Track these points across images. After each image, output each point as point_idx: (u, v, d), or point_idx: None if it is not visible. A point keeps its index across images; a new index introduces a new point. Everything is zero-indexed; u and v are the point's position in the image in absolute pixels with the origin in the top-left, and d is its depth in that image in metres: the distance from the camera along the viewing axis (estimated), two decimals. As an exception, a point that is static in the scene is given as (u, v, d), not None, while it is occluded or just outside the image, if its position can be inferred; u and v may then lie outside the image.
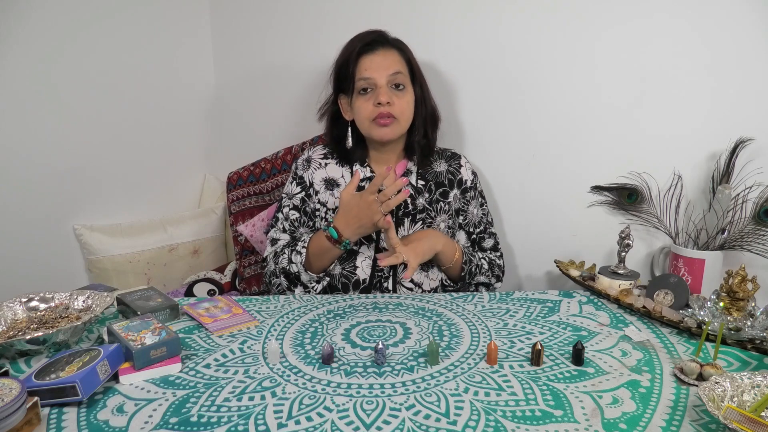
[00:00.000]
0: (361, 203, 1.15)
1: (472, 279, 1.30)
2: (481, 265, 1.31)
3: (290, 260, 1.24)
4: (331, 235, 1.18)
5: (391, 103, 1.21)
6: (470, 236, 1.36)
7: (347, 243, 1.19)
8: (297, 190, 1.33)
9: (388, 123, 1.22)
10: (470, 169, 1.37)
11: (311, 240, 1.25)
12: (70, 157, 1.59)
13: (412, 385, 0.83)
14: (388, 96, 1.21)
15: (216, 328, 1.02)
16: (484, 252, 1.37)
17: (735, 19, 1.29)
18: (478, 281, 1.32)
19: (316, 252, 1.23)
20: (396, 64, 1.24)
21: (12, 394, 0.69)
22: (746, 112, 1.32)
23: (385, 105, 1.21)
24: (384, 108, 1.21)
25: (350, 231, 1.18)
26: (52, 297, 1.06)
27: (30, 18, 1.45)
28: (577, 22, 1.42)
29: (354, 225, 1.17)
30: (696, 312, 1.04)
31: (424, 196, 1.30)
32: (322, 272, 1.26)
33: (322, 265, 1.24)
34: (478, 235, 1.37)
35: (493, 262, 1.35)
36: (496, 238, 1.39)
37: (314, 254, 1.23)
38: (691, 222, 1.39)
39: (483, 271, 1.31)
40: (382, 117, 1.21)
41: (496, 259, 1.36)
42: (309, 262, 1.24)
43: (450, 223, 1.32)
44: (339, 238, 1.18)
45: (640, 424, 0.73)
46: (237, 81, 1.90)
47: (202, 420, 0.74)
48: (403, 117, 1.24)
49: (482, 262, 1.32)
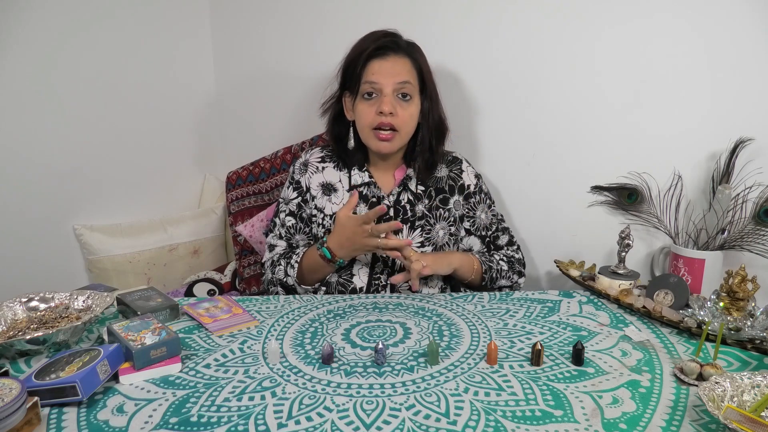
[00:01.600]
0: (356, 230, 1.14)
1: (494, 284, 1.29)
2: (501, 269, 1.29)
3: (286, 273, 1.24)
4: (324, 255, 1.18)
5: (394, 113, 1.18)
6: (484, 240, 1.35)
7: (341, 261, 1.19)
8: (293, 195, 1.30)
9: (388, 138, 1.19)
10: (473, 173, 1.35)
11: (305, 255, 1.24)
12: (70, 157, 1.59)
13: (412, 385, 0.83)
14: (392, 106, 1.17)
15: (216, 328, 1.02)
16: (500, 250, 1.36)
17: (735, 19, 1.29)
18: (500, 285, 1.31)
19: (309, 267, 1.23)
20: (405, 73, 1.19)
21: (12, 394, 0.69)
22: (746, 112, 1.32)
23: (388, 115, 1.17)
24: (386, 118, 1.17)
25: (343, 252, 1.18)
26: (52, 297, 1.06)
27: (30, 18, 1.45)
28: (577, 22, 1.42)
29: (347, 247, 1.17)
30: (696, 312, 1.04)
31: (424, 203, 1.28)
32: (317, 284, 1.26)
33: (315, 279, 1.24)
34: (491, 236, 1.35)
35: (512, 258, 1.33)
36: (509, 232, 1.37)
37: (308, 268, 1.23)
38: (691, 222, 1.39)
39: (503, 274, 1.29)
40: (382, 128, 1.18)
41: (514, 254, 1.34)
42: (302, 276, 1.24)
43: (452, 230, 1.30)
44: (332, 258, 1.18)
45: (640, 424, 0.73)
46: (237, 81, 1.90)
47: (202, 420, 0.74)
48: (405, 129, 1.21)
49: (501, 265, 1.30)
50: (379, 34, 1.22)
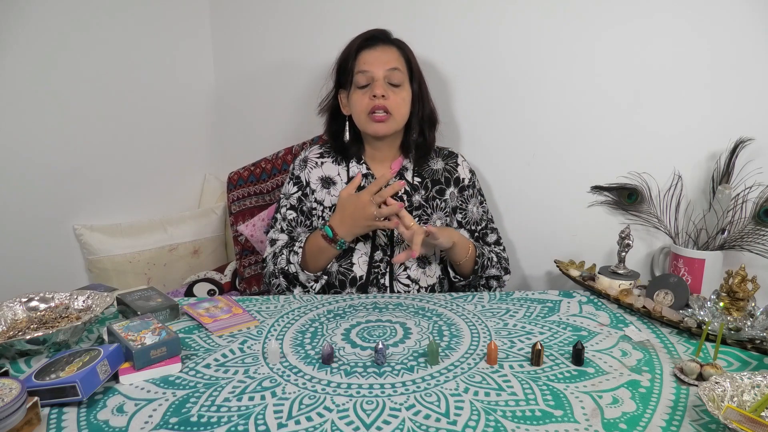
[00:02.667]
0: (357, 203, 1.18)
1: (484, 272, 1.30)
2: (491, 258, 1.31)
3: (288, 260, 1.25)
4: (327, 234, 1.20)
5: (386, 96, 1.23)
6: (472, 234, 1.37)
7: (342, 242, 1.21)
8: (294, 189, 1.33)
9: (383, 119, 1.24)
10: (468, 168, 1.38)
11: (308, 239, 1.26)
12: (70, 157, 1.59)
13: (412, 385, 0.83)
14: (384, 89, 1.22)
15: (216, 328, 1.02)
16: (488, 246, 1.37)
17: (735, 19, 1.29)
18: (490, 274, 1.32)
19: (312, 251, 1.24)
20: (394, 60, 1.25)
21: (12, 394, 0.69)
22: (746, 112, 1.32)
23: (380, 98, 1.22)
24: (379, 101, 1.22)
25: (345, 229, 1.20)
26: (52, 297, 1.06)
27: (30, 18, 1.45)
28: (577, 22, 1.42)
29: (348, 223, 1.19)
30: (696, 312, 1.04)
31: (420, 193, 1.31)
32: (320, 271, 1.26)
33: (319, 264, 1.25)
34: (480, 232, 1.37)
35: (499, 255, 1.35)
36: (497, 233, 1.40)
37: (311, 253, 1.24)
38: (691, 222, 1.39)
39: (494, 263, 1.31)
40: (377, 110, 1.23)
41: (501, 252, 1.37)
42: (306, 262, 1.25)
43: (447, 221, 1.33)
44: (334, 237, 1.20)
45: (640, 424, 0.73)
46: (237, 81, 1.90)
47: (202, 420, 0.74)
48: (398, 113, 1.25)
49: (492, 255, 1.32)
50: (367, 31, 1.29)
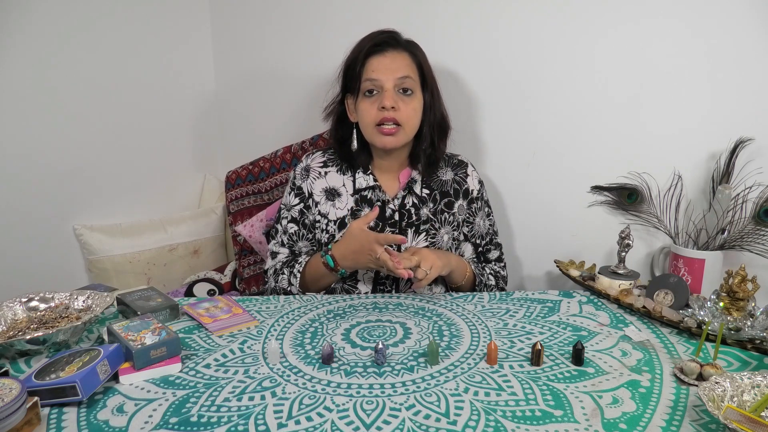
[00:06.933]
0: (365, 244, 1.11)
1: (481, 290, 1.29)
2: (488, 283, 1.30)
3: (289, 282, 1.24)
4: (327, 263, 1.17)
5: (396, 108, 1.16)
6: (477, 248, 1.35)
7: (344, 272, 1.18)
8: (295, 201, 1.28)
9: (392, 132, 1.17)
10: (477, 179, 1.34)
11: (308, 263, 1.23)
12: (70, 157, 1.59)
13: (412, 385, 0.83)
14: (394, 100, 1.16)
15: (216, 328, 1.02)
16: (489, 263, 1.37)
17: (735, 19, 1.29)
18: None
19: (312, 276, 1.22)
20: (405, 67, 1.18)
21: (12, 394, 0.69)
22: (746, 112, 1.32)
23: (390, 110, 1.16)
24: (388, 113, 1.16)
25: (347, 263, 1.16)
26: (52, 297, 1.06)
27: (30, 18, 1.45)
28: (578, 22, 1.42)
29: (350, 259, 1.15)
30: (696, 312, 1.04)
31: (429, 206, 1.27)
32: (322, 291, 1.25)
33: (319, 286, 1.24)
34: (484, 247, 1.36)
35: (498, 274, 1.35)
36: (501, 249, 1.38)
37: (311, 277, 1.23)
38: (691, 222, 1.39)
39: (490, 288, 1.31)
40: (386, 122, 1.16)
41: (500, 270, 1.36)
42: (306, 283, 1.24)
43: (455, 235, 1.30)
44: (335, 267, 1.17)
45: (640, 424, 0.73)
46: (237, 81, 1.90)
47: (202, 420, 0.74)
48: (409, 124, 1.19)
49: (489, 279, 1.31)
50: (376, 33, 1.22)
